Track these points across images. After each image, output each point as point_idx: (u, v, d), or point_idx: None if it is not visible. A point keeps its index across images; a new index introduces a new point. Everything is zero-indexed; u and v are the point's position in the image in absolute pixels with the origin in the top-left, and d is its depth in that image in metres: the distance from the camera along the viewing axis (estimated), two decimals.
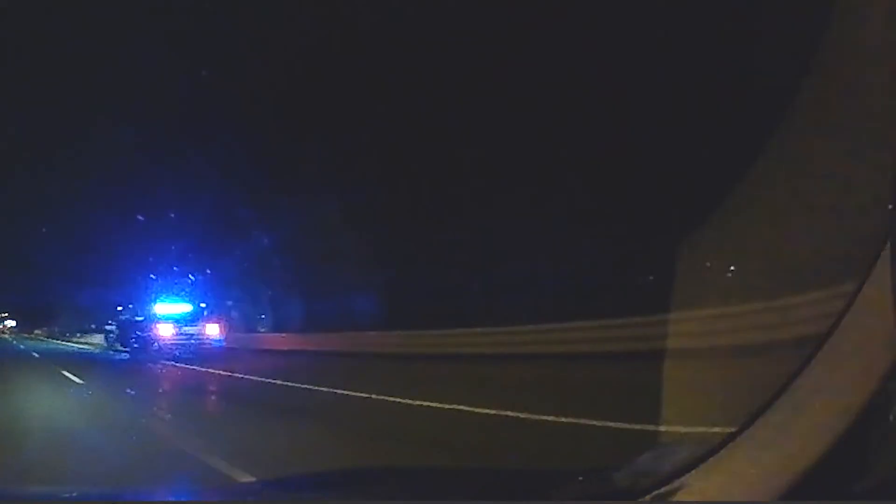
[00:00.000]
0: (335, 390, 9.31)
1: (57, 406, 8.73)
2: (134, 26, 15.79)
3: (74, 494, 2.58)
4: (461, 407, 6.93)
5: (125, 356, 22.75)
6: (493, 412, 6.49)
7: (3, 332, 59.56)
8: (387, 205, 16.08)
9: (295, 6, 14.79)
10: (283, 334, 20.82)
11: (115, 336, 28.25)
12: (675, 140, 11.05)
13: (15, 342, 42.89)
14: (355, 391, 8.93)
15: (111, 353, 26.35)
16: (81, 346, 34.95)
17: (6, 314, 63.87)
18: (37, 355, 23.36)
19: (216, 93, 16.95)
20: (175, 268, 23.87)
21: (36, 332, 58.89)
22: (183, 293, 23.08)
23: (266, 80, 15.54)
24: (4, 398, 9.39)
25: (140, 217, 22.97)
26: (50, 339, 47.92)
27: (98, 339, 35.17)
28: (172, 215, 22.14)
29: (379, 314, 15.87)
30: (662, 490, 1.29)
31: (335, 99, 15.24)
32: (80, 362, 18.87)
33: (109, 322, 30.47)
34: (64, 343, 40.58)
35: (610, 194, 12.40)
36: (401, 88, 14.39)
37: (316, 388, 9.84)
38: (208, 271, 23.67)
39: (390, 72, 14.29)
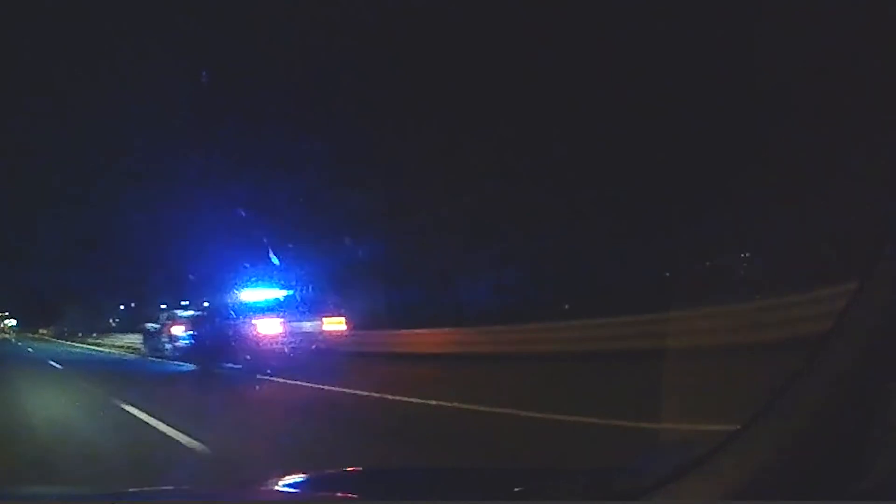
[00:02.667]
0: None
1: None
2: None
3: (75, 494, 2.58)
4: None
5: (188, 366, 16.21)
6: None
7: (4, 332, 56.60)
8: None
9: None
10: (436, 330, 14.84)
11: (158, 338, 21.88)
12: (680, 140, 11.08)
13: (20, 344, 38.06)
14: None
15: (156, 360, 20.09)
16: (107, 351, 28.91)
17: (6, 312, 60.82)
18: (58, 366, 17.69)
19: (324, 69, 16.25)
20: (261, 245, 16.54)
21: (41, 331, 55.95)
22: (278, 277, 15.73)
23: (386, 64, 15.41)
24: None
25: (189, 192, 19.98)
26: (59, 341, 42.40)
27: (128, 339, 29.40)
28: (237, 190, 18.67)
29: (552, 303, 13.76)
30: (662, 490, 1.29)
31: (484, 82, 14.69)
32: (134, 380, 13.28)
33: (175, 314, 21.94)
34: (79, 345, 34.35)
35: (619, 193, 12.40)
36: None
37: None
38: (311, 250, 17.24)
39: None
